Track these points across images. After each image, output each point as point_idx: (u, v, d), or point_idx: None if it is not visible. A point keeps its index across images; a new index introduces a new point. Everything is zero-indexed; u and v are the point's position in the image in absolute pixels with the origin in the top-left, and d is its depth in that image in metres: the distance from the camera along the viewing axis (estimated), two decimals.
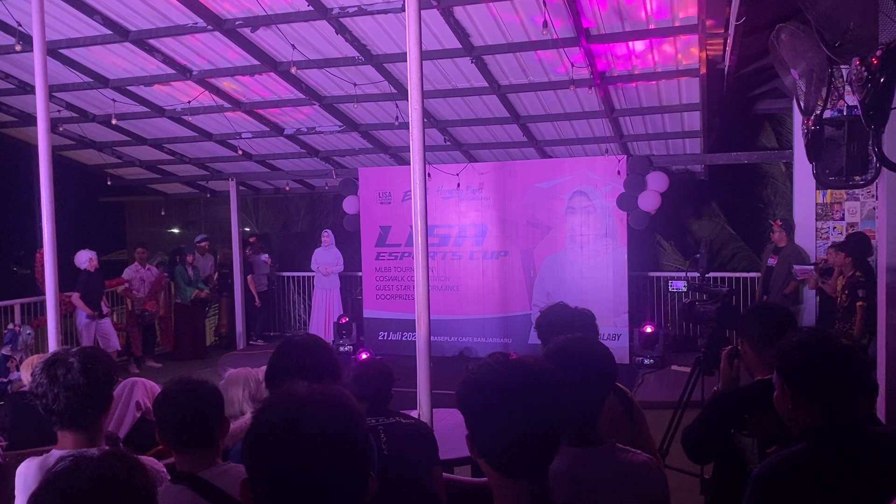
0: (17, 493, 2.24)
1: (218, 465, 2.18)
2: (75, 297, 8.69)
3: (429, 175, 5.19)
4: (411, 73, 4.75)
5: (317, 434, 1.21)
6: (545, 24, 5.68)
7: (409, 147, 4.80)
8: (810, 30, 4.13)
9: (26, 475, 2.24)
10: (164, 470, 2.46)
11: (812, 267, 7.90)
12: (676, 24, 6.26)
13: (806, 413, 2.00)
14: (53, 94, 7.85)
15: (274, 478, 1.21)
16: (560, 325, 2.81)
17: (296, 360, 2.31)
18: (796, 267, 7.97)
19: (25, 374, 4.01)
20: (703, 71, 6.78)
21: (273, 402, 1.28)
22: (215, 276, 11.13)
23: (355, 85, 7.57)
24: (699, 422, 2.67)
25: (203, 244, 10.89)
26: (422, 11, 4.96)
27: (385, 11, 6.12)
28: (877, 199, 7.29)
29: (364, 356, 8.38)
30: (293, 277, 11.53)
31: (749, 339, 2.69)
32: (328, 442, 1.21)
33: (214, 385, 2.35)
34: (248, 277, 10.90)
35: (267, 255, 11.29)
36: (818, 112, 4.35)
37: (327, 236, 10.56)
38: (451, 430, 4.29)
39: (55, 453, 2.18)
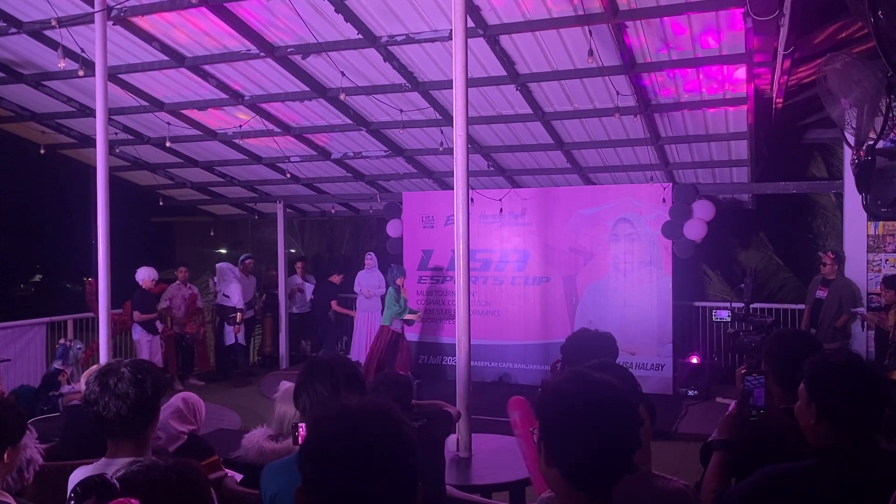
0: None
1: None
2: (137, 314, 9.00)
3: (471, 200, 5.23)
4: (457, 100, 4.83)
5: (372, 444, 1.28)
6: (591, 53, 5.71)
7: (452, 172, 4.86)
8: (865, 58, 4.09)
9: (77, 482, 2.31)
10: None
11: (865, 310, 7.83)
12: (724, 54, 6.23)
13: (827, 431, 2.04)
14: (111, 116, 8.14)
15: (328, 485, 1.27)
16: (583, 348, 2.85)
17: (321, 378, 2.38)
18: (860, 310, 7.88)
19: (83, 385, 4.13)
20: (751, 101, 6.72)
21: (329, 414, 1.34)
22: (262, 297, 11.26)
23: (402, 111, 7.69)
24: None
25: (248, 262, 10.90)
26: (468, 40, 5.05)
27: (433, 40, 6.23)
28: None
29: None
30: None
31: (772, 363, 2.61)
32: (382, 452, 1.28)
33: None
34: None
35: (312, 280, 11.47)
36: (870, 142, 4.28)
37: (370, 259, 10.65)
38: (489, 456, 4.28)
39: (104, 462, 2.25)
